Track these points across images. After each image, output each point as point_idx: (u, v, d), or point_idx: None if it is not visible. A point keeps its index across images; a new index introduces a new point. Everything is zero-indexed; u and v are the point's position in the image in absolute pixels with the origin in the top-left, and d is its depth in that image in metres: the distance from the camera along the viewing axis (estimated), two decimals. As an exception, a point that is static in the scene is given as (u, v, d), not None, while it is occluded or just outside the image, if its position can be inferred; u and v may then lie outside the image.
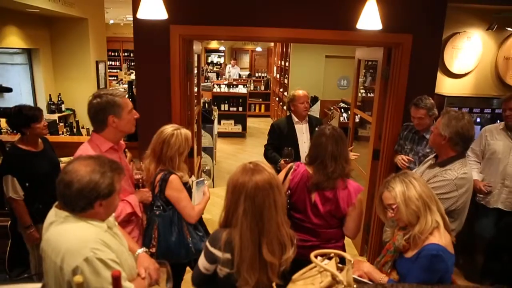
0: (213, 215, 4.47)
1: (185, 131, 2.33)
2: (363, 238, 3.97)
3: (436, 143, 2.35)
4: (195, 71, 4.13)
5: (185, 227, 2.28)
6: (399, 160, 3.23)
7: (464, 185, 2.21)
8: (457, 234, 2.29)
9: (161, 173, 2.24)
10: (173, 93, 3.29)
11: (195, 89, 4.18)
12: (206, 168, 3.15)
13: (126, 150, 2.50)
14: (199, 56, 4.33)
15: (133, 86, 3.64)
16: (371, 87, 4.55)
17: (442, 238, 1.75)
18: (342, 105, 7.23)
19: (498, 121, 3.35)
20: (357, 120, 4.65)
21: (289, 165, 2.32)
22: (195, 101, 4.20)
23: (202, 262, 1.61)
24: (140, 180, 2.30)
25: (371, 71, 4.95)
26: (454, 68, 3.74)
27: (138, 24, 3.13)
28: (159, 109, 3.31)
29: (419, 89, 3.26)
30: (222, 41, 14.23)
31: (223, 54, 14.90)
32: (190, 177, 2.51)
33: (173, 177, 2.22)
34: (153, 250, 2.21)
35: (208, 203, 2.52)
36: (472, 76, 3.82)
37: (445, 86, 3.78)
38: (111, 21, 11.42)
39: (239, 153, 7.93)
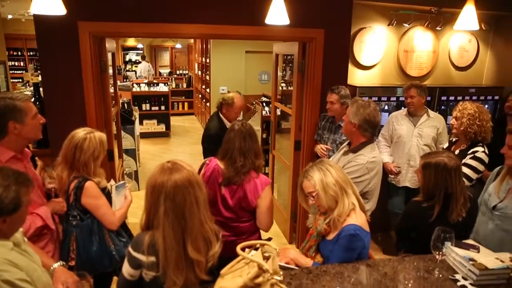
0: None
1: (99, 134, 2.20)
2: (291, 226, 4.12)
3: (348, 131, 2.52)
4: (111, 70, 3.92)
5: (106, 234, 2.16)
6: (318, 149, 3.40)
7: (374, 168, 2.41)
8: (372, 213, 2.48)
9: (75, 180, 2.09)
10: (86, 95, 3.09)
11: (112, 89, 3.97)
12: (127, 170, 2.97)
13: (37, 158, 2.30)
14: (114, 54, 4.11)
15: (40, 88, 3.34)
16: (291, 80, 4.72)
17: (358, 218, 1.88)
18: (264, 99, 7.38)
19: (403, 108, 3.69)
20: (279, 113, 4.79)
21: (203, 161, 2.35)
22: (113, 101, 3.99)
23: (126, 269, 1.54)
24: (53, 190, 2.13)
25: (290, 65, 5.12)
26: (363, 61, 4.01)
27: (40, 20, 2.88)
28: (72, 112, 3.09)
29: (333, 80, 3.47)
30: (140, 38, 13.65)
31: (141, 51, 14.30)
32: (109, 181, 2.38)
33: (88, 184, 2.09)
34: (72, 263, 2.06)
35: (134, 207, 2.43)
36: (379, 68, 4.14)
37: (356, 77, 4.05)
38: (10, 16, 10.29)
39: (164, 153, 7.72)
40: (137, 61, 14.17)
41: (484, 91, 4.17)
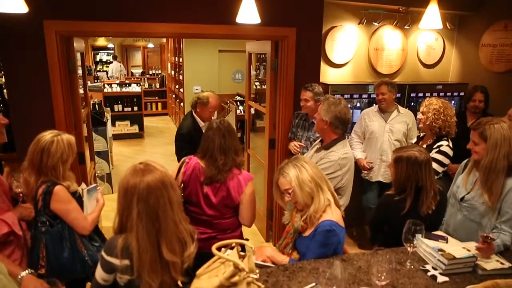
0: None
1: (67, 137, 2.13)
2: (267, 224, 4.14)
3: (320, 128, 2.56)
4: (80, 71, 3.81)
5: (78, 240, 2.10)
6: (292, 146, 3.43)
7: (346, 164, 2.45)
8: (347, 208, 2.53)
9: (43, 185, 2.02)
10: (54, 96, 2.99)
11: (81, 90, 3.86)
12: (98, 172, 2.89)
13: (3, 163, 2.21)
14: (83, 54, 4.00)
15: (3, 90, 3.21)
16: (265, 79, 4.73)
17: (334, 214, 1.91)
18: (238, 98, 7.39)
19: (374, 105, 3.77)
20: (253, 112, 4.79)
21: (182, 159, 2.32)
22: (83, 103, 3.89)
23: (99, 273, 1.50)
24: (20, 195, 2.04)
25: (264, 64, 5.13)
26: (335, 59, 4.07)
27: (2, 19, 2.76)
28: (39, 115, 2.98)
29: (306, 79, 3.50)
30: (111, 38, 13.36)
31: (112, 51, 13.99)
32: (80, 184, 2.31)
33: (58, 188, 2.02)
34: (42, 271, 1.99)
35: (107, 210, 2.37)
36: (351, 66, 4.21)
37: (329, 75, 4.11)
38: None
39: (138, 154, 7.59)
40: (108, 61, 13.87)
41: (450, 87, 4.33)
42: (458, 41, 4.55)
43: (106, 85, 9.05)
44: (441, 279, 1.76)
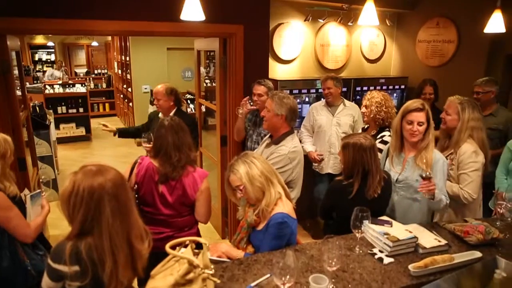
0: (63, 230, 4.01)
1: (1, 134, 2.03)
2: (222, 221, 4.15)
3: (273, 124, 2.59)
4: (16, 71, 3.57)
5: (19, 248, 1.98)
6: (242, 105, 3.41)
7: (296, 157, 2.52)
8: (300, 201, 2.60)
9: (-21, 192, 1.89)
10: (-12, 99, 2.79)
11: (19, 92, 3.62)
12: (42, 178, 2.72)
13: None
14: (18, 53, 3.75)
15: None
16: (215, 76, 4.72)
17: (285, 207, 1.96)
18: (189, 96, 7.31)
19: (322, 99, 3.89)
20: (204, 110, 4.77)
21: (134, 160, 2.28)
22: (21, 105, 3.65)
23: (46, 282, 1.44)
24: None
25: (213, 61, 5.12)
26: (283, 55, 4.15)
27: None
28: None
29: (255, 75, 3.54)
30: (50, 35, 12.60)
31: (53, 50, 13.21)
32: (23, 191, 2.19)
33: None
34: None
35: (53, 218, 2.26)
36: (298, 61, 4.31)
37: (277, 71, 4.18)
38: None
39: (87, 157, 7.27)
40: (48, 60, 13.10)
41: (392, 81, 4.57)
42: (397, 38, 4.82)
43: (47, 86, 8.57)
44: (387, 260, 1.88)
